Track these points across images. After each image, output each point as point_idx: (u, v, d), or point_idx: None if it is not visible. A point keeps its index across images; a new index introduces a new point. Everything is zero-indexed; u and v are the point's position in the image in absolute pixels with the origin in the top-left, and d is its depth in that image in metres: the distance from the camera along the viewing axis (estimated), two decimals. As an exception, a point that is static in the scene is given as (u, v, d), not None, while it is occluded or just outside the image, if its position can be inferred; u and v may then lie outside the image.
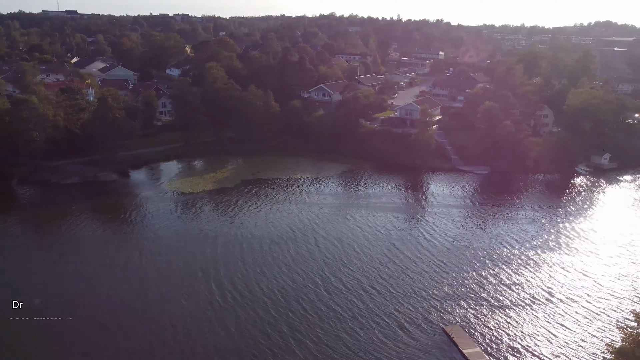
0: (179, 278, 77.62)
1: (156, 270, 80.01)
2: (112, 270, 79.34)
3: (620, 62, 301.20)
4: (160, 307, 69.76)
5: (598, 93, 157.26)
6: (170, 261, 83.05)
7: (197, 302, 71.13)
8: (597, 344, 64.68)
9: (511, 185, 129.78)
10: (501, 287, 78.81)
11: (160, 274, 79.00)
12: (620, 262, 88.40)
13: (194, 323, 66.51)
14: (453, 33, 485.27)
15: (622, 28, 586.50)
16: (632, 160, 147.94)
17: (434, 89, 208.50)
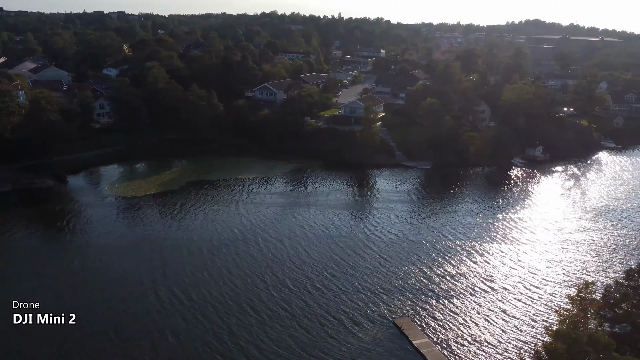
0: (122, 286, 74.95)
1: (98, 279, 76.73)
2: (51, 281, 75.66)
3: (549, 59, 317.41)
4: (102, 315, 67.23)
5: (530, 89, 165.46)
6: (113, 269, 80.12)
7: (141, 310, 68.95)
8: (537, 328, 68.31)
9: (453, 179, 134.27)
10: (445, 278, 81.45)
11: (102, 282, 75.86)
12: (551, 249, 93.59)
13: (138, 331, 64.55)
14: (393, 31, 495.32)
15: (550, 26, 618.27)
16: (563, 152, 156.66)
17: (377, 86, 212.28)
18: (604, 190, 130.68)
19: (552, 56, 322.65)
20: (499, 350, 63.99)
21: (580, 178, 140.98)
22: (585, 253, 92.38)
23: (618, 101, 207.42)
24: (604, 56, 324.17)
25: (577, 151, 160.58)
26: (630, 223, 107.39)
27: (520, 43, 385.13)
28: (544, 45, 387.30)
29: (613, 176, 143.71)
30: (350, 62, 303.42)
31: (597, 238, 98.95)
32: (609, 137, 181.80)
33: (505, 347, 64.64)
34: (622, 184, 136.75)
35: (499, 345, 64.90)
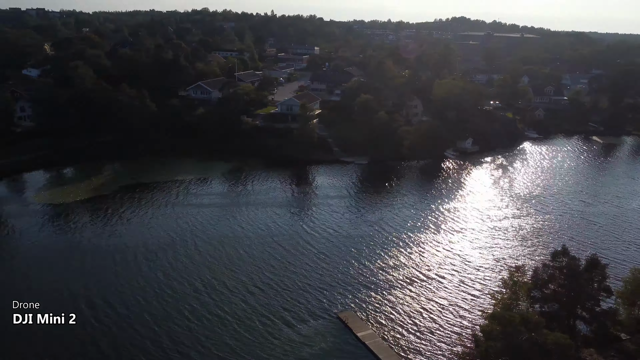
0: (48, 298, 69.19)
1: (22, 291, 70.99)
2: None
3: (476, 55, 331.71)
4: (26, 330, 61.85)
5: (459, 83, 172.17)
6: (39, 281, 74.98)
7: (75, 324, 63.91)
8: (473, 312, 71.34)
9: (389, 173, 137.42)
10: (385, 270, 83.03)
11: (27, 294, 69.17)
12: (483, 237, 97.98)
13: (64, 347, 60.74)
14: (326, 28, 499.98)
15: (475, 23, 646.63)
16: (491, 143, 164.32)
17: (312, 83, 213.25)
18: (528, 178, 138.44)
19: (478, 52, 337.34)
20: (439, 336, 66.22)
21: (508, 167, 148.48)
22: (513, 239, 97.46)
23: (538, 94, 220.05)
24: (524, 52, 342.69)
25: (504, 142, 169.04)
26: (552, 209, 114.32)
27: (448, 40, 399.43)
28: (470, 42, 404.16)
29: (536, 165, 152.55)
30: (285, 60, 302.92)
31: (524, 224, 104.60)
32: (532, 128, 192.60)
33: (445, 332, 66.99)
34: (543, 171, 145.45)
35: (439, 332, 67.16)
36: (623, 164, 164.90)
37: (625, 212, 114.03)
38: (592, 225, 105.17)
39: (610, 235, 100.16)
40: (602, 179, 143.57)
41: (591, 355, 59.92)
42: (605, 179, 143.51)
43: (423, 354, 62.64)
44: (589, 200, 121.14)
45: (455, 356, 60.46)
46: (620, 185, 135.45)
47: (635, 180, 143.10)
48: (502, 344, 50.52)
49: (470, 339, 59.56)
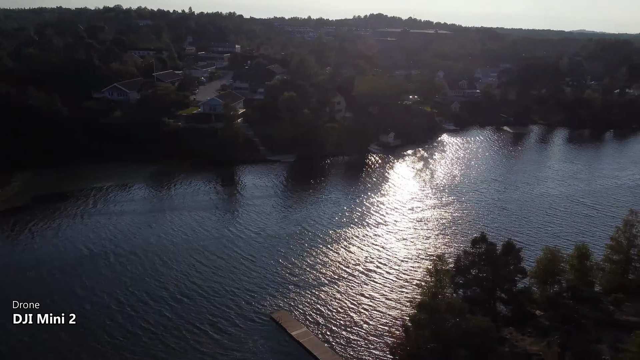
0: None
1: None
2: None
3: (394, 50, 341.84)
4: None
5: (380, 79, 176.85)
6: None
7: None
8: (402, 302, 73.74)
9: (315, 170, 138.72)
10: (314, 267, 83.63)
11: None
12: (407, 228, 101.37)
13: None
14: (246, 26, 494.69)
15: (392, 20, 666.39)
16: (412, 137, 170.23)
17: (235, 82, 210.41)
18: (447, 169, 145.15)
19: (396, 48, 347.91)
20: (371, 328, 67.95)
21: (428, 159, 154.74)
22: (435, 229, 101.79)
23: (454, 88, 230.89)
24: (439, 47, 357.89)
25: (424, 135, 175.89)
26: (469, 197, 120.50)
27: (367, 36, 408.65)
28: (388, 38, 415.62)
29: (454, 156, 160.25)
30: (206, 58, 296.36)
31: (444, 214, 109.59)
32: (449, 120, 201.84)
33: (376, 324, 68.83)
34: (460, 162, 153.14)
35: (370, 324, 68.91)
36: (530, 152, 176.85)
37: (533, 197, 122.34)
38: (505, 211, 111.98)
39: (521, 219, 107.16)
40: (512, 166, 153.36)
41: (511, 334, 64.01)
42: (515, 166, 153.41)
43: (356, 347, 64.03)
44: (501, 188, 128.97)
45: (387, 347, 62.29)
46: (527, 172, 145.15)
47: (540, 166, 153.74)
48: (430, 332, 52.76)
49: (400, 329, 61.53)
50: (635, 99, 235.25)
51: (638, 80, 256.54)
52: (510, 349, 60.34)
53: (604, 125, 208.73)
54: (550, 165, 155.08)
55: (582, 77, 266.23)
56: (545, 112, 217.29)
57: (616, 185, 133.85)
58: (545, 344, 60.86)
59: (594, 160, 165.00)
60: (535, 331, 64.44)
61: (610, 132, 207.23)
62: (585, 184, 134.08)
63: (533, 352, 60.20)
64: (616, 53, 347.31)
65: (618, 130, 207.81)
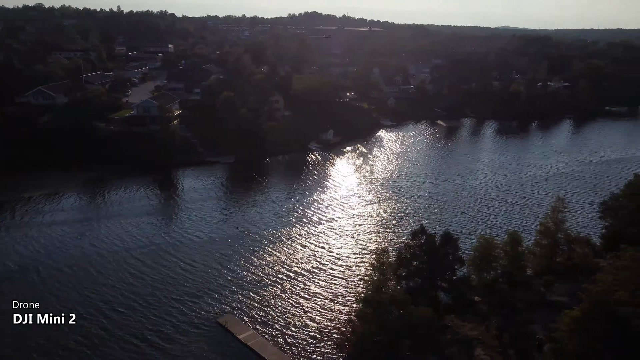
0: None
1: None
2: None
3: (330, 48, 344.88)
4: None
5: (317, 77, 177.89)
6: None
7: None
8: (348, 298, 74.56)
9: (256, 170, 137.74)
10: (258, 269, 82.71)
11: None
12: (347, 225, 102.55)
13: None
14: (179, 25, 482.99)
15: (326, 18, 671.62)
16: (351, 134, 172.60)
17: (169, 83, 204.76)
18: (385, 164, 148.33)
19: (332, 45, 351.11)
20: (318, 326, 68.28)
21: (367, 155, 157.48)
22: (376, 223, 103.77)
23: (389, 84, 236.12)
24: (373, 44, 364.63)
25: (362, 131, 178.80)
26: (406, 191, 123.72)
27: (302, 34, 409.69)
28: (324, 36, 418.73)
29: (391, 151, 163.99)
30: (138, 59, 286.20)
31: (384, 208, 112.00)
32: (386, 116, 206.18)
33: (323, 322, 69.25)
34: (398, 157, 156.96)
35: (318, 322, 69.26)
36: (463, 144, 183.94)
37: (466, 188, 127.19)
38: (441, 203, 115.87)
39: (457, 210, 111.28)
40: (446, 159, 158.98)
41: (452, 321, 66.48)
42: (448, 159, 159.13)
43: (304, 346, 64.22)
44: (437, 181, 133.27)
45: (335, 343, 62.94)
46: (460, 165, 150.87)
47: (472, 159, 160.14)
48: (376, 325, 53.88)
49: (347, 325, 62.34)
50: (556, 91, 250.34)
51: (558, 74, 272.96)
52: (452, 335, 62.68)
53: (530, 117, 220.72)
54: (481, 157, 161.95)
55: (508, 72, 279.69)
56: (476, 106, 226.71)
57: (542, 174, 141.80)
58: (484, 328, 63.73)
59: (521, 150, 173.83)
60: (475, 317, 67.41)
61: (535, 123, 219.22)
62: (513, 174, 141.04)
63: (473, 337, 62.85)
64: (538, 48, 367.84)
65: (542, 121, 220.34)
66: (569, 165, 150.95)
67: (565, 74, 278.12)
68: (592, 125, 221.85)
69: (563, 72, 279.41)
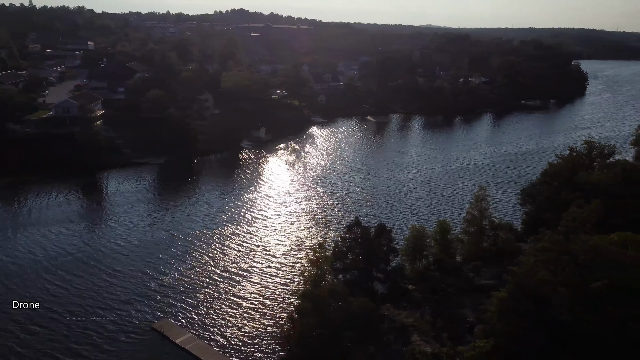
0: None
1: None
2: None
3: (258, 46, 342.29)
4: None
5: (246, 75, 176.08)
6: None
7: None
8: (287, 294, 74.52)
9: (187, 170, 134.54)
10: (192, 272, 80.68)
11: None
12: (282, 222, 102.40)
13: None
14: (99, 21, 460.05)
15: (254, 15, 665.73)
16: (283, 131, 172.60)
17: (91, 82, 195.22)
18: (317, 161, 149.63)
19: (260, 43, 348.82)
20: (258, 324, 67.80)
21: (300, 152, 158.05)
22: (312, 219, 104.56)
23: (319, 81, 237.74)
24: (302, 42, 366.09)
25: (294, 128, 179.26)
26: (339, 187, 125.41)
27: (230, 32, 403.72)
28: (252, 34, 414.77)
29: (323, 147, 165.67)
30: (54, 57, 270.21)
31: (318, 204, 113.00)
32: (317, 113, 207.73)
33: (263, 320, 68.82)
34: (329, 153, 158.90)
35: (257, 320, 68.73)
36: (392, 139, 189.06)
37: (396, 182, 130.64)
38: (373, 197, 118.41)
39: (388, 204, 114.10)
40: (376, 154, 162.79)
41: (388, 310, 68.33)
42: (378, 154, 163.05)
43: (245, 345, 63.58)
44: (367, 176, 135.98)
45: (275, 341, 62.79)
46: (390, 159, 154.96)
47: (401, 153, 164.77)
48: (315, 319, 54.32)
49: (287, 322, 62.33)
50: (477, 86, 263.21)
51: (478, 70, 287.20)
52: (389, 324, 64.39)
53: (453, 111, 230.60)
54: (410, 151, 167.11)
55: (432, 68, 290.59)
56: (404, 102, 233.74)
57: (466, 166, 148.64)
58: (418, 315, 66.06)
59: (446, 144, 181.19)
60: (410, 304, 69.71)
61: (459, 118, 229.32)
62: (439, 167, 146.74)
63: (409, 324, 64.96)
64: (459, 46, 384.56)
65: (465, 115, 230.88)
66: (490, 157, 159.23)
67: (485, 70, 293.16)
68: (510, 118, 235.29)
69: (482, 69, 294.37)
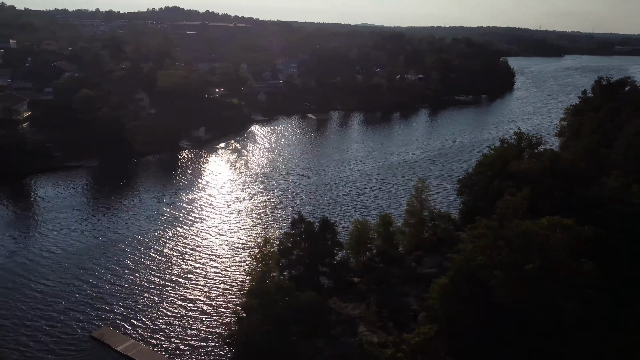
0: None
1: None
2: None
3: (195, 44, 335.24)
4: None
5: (183, 73, 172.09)
6: None
7: None
8: (233, 293, 73.70)
9: (123, 173, 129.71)
10: (131, 278, 78.03)
11: None
12: (226, 222, 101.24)
13: None
14: (21, 19, 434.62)
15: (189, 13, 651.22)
16: (223, 130, 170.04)
17: (14, 82, 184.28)
18: (259, 159, 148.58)
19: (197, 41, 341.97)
20: (204, 325, 66.68)
21: (241, 151, 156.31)
22: (256, 217, 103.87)
23: (258, 79, 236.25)
24: (240, 40, 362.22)
25: (234, 127, 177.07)
26: (281, 185, 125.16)
27: (164, 30, 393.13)
28: (187, 32, 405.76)
29: (264, 146, 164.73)
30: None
31: (261, 202, 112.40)
32: (257, 111, 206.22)
33: (210, 321, 67.74)
34: (271, 151, 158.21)
35: (204, 321, 67.57)
36: (332, 136, 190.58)
37: (337, 179, 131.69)
38: (315, 194, 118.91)
39: (330, 200, 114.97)
40: (317, 152, 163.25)
41: (335, 303, 68.98)
42: (319, 151, 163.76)
43: (191, 348, 62.28)
44: (309, 173, 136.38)
45: (222, 340, 61.82)
46: (330, 156, 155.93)
47: (341, 150, 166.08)
48: (263, 315, 54.06)
49: (234, 321, 61.58)
50: (413, 82, 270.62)
51: (413, 67, 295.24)
52: (337, 317, 65.08)
53: (391, 108, 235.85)
54: (350, 148, 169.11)
55: (369, 66, 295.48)
56: (343, 99, 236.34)
57: (405, 160, 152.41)
58: (364, 306, 67.13)
59: (385, 139, 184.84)
60: (356, 296, 70.69)
61: (397, 113, 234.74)
62: (379, 162, 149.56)
63: (356, 316, 65.88)
64: (394, 44, 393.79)
65: (402, 111, 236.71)
66: (427, 151, 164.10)
67: (419, 67, 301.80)
68: (445, 113, 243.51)
69: (417, 66, 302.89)
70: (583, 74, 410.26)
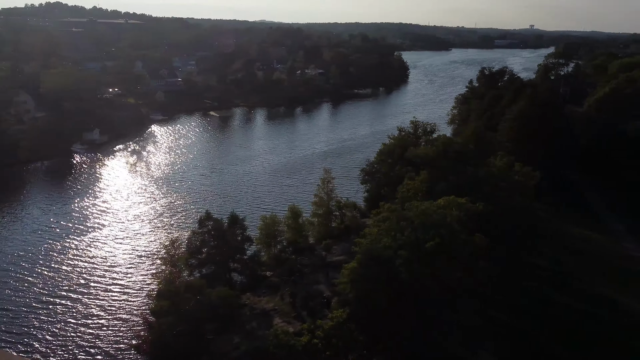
0: None
1: None
2: None
3: (83, 42, 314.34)
4: None
5: (71, 72, 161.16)
6: None
7: None
8: (142, 299, 70.65)
9: (4, 183, 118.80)
10: (19, 296, 71.94)
11: None
12: (129, 227, 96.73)
13: None
14: None
15: (73, 9, 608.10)
16: (120, 131, 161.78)
17: None
18: (160, 160, 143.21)
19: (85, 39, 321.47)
20: (113, 336, 63.22)
21: (140, 153, 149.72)
22: (159, 221, 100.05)
23: (155, 77, 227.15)
24: (133, 37, 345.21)
25: (132, 128, 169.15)
26: (185, 185, 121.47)
27: (47, 27, 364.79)
28: (73, 29, 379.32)
29: (165, 146, 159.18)
30: None
31: (165, 204, 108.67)
32: (156, 110, 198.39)
33: (118, 330, 64.37)
34: (172, 151, 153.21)
35: (111, 333, 63.95)
36: (235, 133, 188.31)
37: (242, 176, 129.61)
38: (221, 193, 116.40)
39: (237, 198, 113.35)
40: (220, 150, 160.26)
41: (249, 299, 68.85)
42: (222, 149, 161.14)
43: (98, 359, 59.19)
44: (213, 172, 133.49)
45: (134, 348, 59.27)
46: (234, 153, 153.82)
47: (245, 147, 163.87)
48: (175, 317, 52.69)
49: (144, 326, 59.34)
50: (313, 77, 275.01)
51: (312, 62, 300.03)
52: (251, 312, 65.05)
53: (293, 103, 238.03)
54: (253, 144, 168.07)
55: (269, 62, 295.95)
56: (245, 95, 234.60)
57: (309, 154, 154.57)
58: (278, 298, 67.73)
59: (288, 134, 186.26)
60: (269, 290, 71.07)
61: (299, 108, 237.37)
62: (283, 157, 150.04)
63: (270, 309, 66.20)
64: (293, 40, 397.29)
65: (304, 105, 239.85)
66: (330, 144, 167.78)
67: (319, 62, 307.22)
68: (345, 106, 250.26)
69: (317, 61, 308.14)
70: (468, 66, 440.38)
